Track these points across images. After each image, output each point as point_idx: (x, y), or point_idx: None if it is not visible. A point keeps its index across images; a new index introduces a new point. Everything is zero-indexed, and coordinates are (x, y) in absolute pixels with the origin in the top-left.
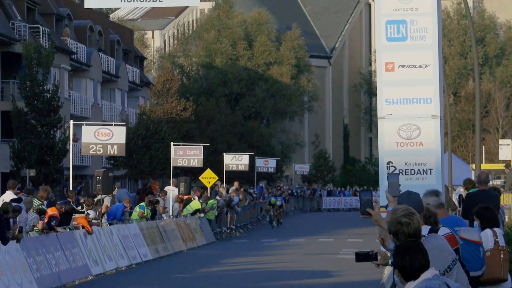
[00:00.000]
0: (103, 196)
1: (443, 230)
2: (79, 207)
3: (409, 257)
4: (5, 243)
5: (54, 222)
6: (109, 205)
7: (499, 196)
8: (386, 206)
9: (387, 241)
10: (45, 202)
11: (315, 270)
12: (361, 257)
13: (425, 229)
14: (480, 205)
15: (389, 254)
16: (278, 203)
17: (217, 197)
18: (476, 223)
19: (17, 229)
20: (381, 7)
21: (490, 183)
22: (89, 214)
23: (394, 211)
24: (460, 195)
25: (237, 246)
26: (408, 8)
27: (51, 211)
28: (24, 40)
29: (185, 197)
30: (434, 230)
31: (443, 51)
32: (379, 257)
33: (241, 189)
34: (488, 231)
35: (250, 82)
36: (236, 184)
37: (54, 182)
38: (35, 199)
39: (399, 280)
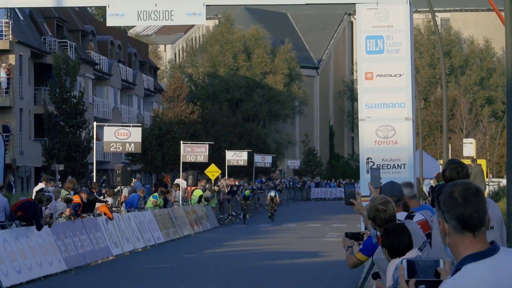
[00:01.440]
0: (122, 187)
1: (418, 217)
2: (101, 197)
3: (396, 238)
4: (39, 229)
5: (77, 208)
6: (127, 195)
7: None
8: (369, 196)
9: (368, 226)
10: (72, 192)
11: (304, 251)
12: (351, 236)
13: (402, 215)
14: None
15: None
16: (272, 194)
17: (215, 187)
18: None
19: (49, 216)
20: (361, 24)
21: None
22: (108, 201)
23: (372, 199)
24: (430, 186)
25: (238, 230)
26: (385, 25)
27: (75, 198)
28: (54, 52)
29: (193, 188)
30: (409, 216)
31: (415, 62)
32: (365, 238)
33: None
34: None
35: (249, 89)
36: (230, 180)
37: (80, 175)
38: (63, 189)
39: (386, 257)
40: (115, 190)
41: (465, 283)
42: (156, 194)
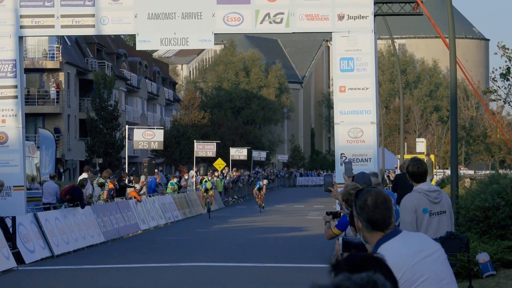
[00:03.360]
0: (146, 176)
1: None
2: (131, 183)
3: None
4: (83, 207)
5: (112, 192)
6: (144, 181)
7: None
8: (343, 183)
9: (343, 207)
10: (108, 180)
11: (291, 226)
12: (330, 214)
13: None
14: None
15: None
16: (261, 184)
17: (213, 178)
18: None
19: (88, 196)
20: (336, 48)
21: None
22: (136, 187)
23: (346, 186)
24: (388, 176)
25: (239, 210)
26: (355, 49)
27: (110, 185)
28: (95, 71)
29: (203, 176)
30: None
31: (378, 78)
32: (341, 215)
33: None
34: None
35: (248, 99)
36: (235, 171)
37: (115, 167)
38: (101, 178)
39: (353, 233)
40: (141, 177)
41: (386, 258)
42: (172, 181)
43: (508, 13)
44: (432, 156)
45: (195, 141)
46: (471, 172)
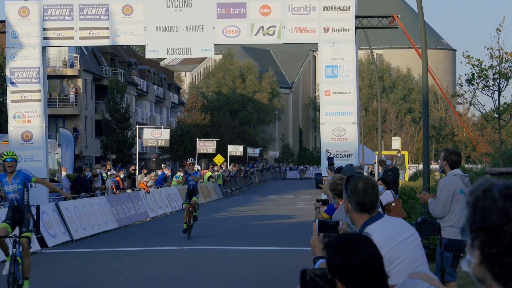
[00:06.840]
0: (154, 170)
1: None
2: (140, 175)
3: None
4: (90, 190)
5: (117, 183)
6: (154, 176)
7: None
8: (327, 176)
9: (329, 197)
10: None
11: (282, 214)
12: (320, 201)
13: None
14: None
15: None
16: (193, 182)
17: (215, 172)
18: (381, 186)
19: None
20: (322, 57)
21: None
22: (146, 180)
23: (333, 177)
24: (371, 170)
25: (236, 200)
26: (338, 58)
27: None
28: (109, 77)
29: (205, 171)
30: None
31: (359, 84)
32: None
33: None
34: (388, 191)
35: (244, 102)
36: (233, 166)
37: (127, 162)
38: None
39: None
40: (150, 170)
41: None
42: (177, 174)
43: (472, 27)
44: (405, 153)
45: (197, 139)
46: None
